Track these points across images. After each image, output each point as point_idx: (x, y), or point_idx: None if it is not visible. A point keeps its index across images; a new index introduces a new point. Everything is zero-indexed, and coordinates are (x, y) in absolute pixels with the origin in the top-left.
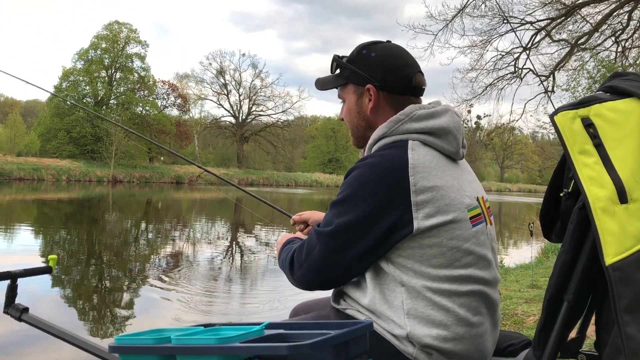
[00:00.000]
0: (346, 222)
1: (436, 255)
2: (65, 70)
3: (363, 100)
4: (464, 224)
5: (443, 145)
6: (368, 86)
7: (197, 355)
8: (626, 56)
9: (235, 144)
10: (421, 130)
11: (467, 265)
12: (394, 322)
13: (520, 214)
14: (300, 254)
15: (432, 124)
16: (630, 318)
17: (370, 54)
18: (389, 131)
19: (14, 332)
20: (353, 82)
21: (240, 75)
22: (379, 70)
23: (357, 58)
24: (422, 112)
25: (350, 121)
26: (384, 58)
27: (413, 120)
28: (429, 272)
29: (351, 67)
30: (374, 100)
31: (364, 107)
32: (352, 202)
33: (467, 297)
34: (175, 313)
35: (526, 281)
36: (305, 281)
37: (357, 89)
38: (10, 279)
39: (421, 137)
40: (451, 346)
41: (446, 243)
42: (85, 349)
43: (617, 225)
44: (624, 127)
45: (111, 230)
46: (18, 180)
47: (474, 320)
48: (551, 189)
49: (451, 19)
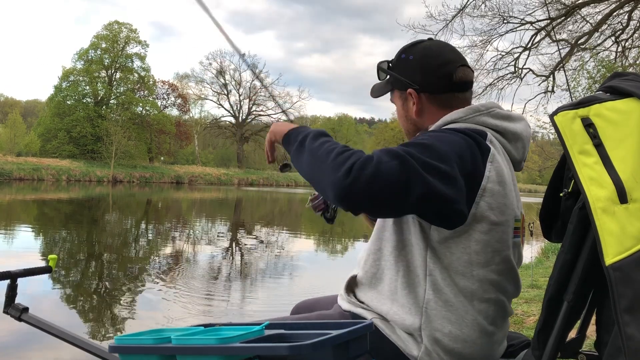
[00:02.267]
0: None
1: (478, 252)
2: (65, 70)
3: (408, 105)
4: (510, 231)
5: (512, 151)
6: (409, 91)
7: (197, 355)
8: (626, 56)
9: (235, 144)
10: (496, 127)
11: (500, 272)
12: (408, 311)
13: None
14: (368, 162)
15: (507, 126)
16: (631, 318)
17: (408, 57)
18: (465, 117)
19: (14, 332)
20: (397, 87)
21: (240, 75)
22: (417, 73)
23: (397, 63)
24: (501, 111)
25: (402, 125)
26: (422, 59)
27: (491, 115)
28: (464, 267)
29: (393, 74)
30: (417, 103)
31: (409, 111)
32: (441, 153)
33: (487, 304)
34: (175, 313)
35: (526, 281)
36: (357, 196)
37: (401, 94)
38: (10, 279)
39: (495, 134)
40: (460, 347)
41: (492, 243)
42: (85, 349)
43: (617, 226)
44: (624, 127)
45: (111, 230)
46: (18, 180)
47: (488, 329)
48: (551, 189)
49: (451, 19)
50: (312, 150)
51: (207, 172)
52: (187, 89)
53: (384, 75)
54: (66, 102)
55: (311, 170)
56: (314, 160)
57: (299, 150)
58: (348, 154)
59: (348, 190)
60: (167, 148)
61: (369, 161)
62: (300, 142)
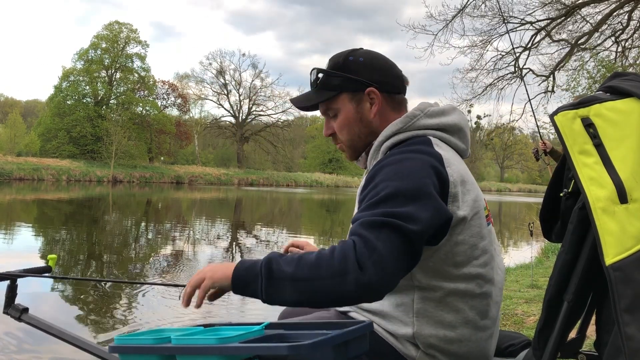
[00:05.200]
0: (416, 209)
1: (459, 254)
2: (65, 70)
3: (364, 106)
4: (483, 221)
5: (457, 142)
6: (369, 89)
7: (197, 355)
8: (626, 56)
9: (235, 144)
10: (436, 126)
11: (483, 265)
12: (400, 322)
13: (520, 214)
14: (367, 246)
15: (446, 121)
16: (630, 318)
17: (358, 59)
18: (405, 126)
19: (14, 333)
20: (348, 89)
21: (240, 75)
22: (375, 72)
23: (345, 66)
24: (434, 108)
25: (350, 132)
26: (373, 60)
27: (428, 116)
28: (449, 270)
29: (344, 75)
30: (378, 102)
31: (365, 112)
32: (408, 193)
33: (479, 299)
34: (175, 313)
35: (526, 281)
36: (378, 281)
37: (355, 96)
38: (9, 279)
39: (437, 133)
40: (456, 348)
41: (468, 240)
42: (85, 349)
43: (617, 225)
44: (624, 127)
45: (111, 230)
46: (18, 180)
47: (481, 324)
48: (551, 189)
49: (451, 19)
50: (290, 276)
51: (207, 172)
52: (187, 89)
53: (323, 81)
54: (66, 102)
55: (305, 294)
56: (303, 284)
57: (270, 285)
58: (337, 256)
59: (370, 286)
60: (167, 148)
61: (362, 248)
62: (267, 276)
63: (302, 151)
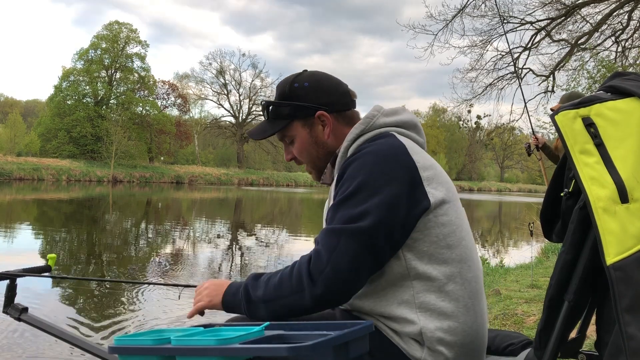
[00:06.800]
0: (375, 205)
1: (449, 235)
2: (65, 70)
3: (316, 129)
4: (459, 204)
5: (416, 137)
6: (319, 113)
7: (196, 356)
8: (626, 56)
9: (235, 144)
10: (395, 123)
11: (468, 247)
12: (405, 320)
13: (520, 214)
14: (318, 260)
15: (402, 118)
16: (631, 318)
17: (303, 84)
18: (367, 127)
19: (14, 332)
20: (298, 117)
21: (240, 75)
22: (321, 94)
23: (291, 93)
24: (388, 109)
25: (309, 155)
26: (318, 84)
27: (384, 115)
28: (444, 253)
29: (292, 103)
30: (330, 124)
31: (319, 135)
32: (369, 187)
33: (474, 283)
34: (175, 313)
35: (526, 281)
36: (331, 292)
37: (306, 122)
38: (9, 279)
39: (396, 129)
40: (460, 338)
41: (455, 221)
42: (85, 349)
43: (618, 225)
44: (625, 126)
45: (111, 230)
46: (18, 180)
47: (477, 308)
48: (552, 188)
49: (451, 19)
50: (262, 299)
51: (207, 172)
52: (187, 89)
53: (274, 111)
54: (66, 102)
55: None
56: (272, 305)
57: (250, 307)
58: (294, 274)
59: (324, 297)
60: (167, 148)
61: (315, 262)
62: (246, 300)
63: None
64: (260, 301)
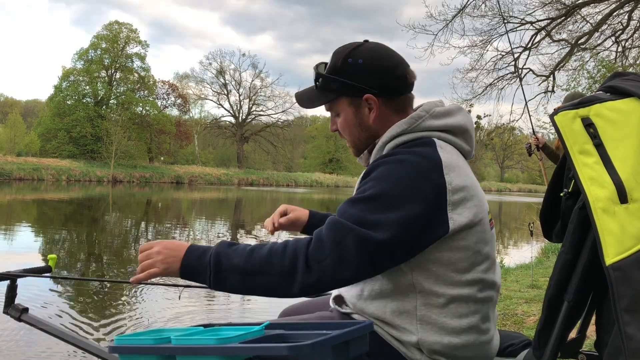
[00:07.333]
0: (391, 220)
1: (462, 260)
2: (65, 70)
3: (362, 112)
4: (487, 227)
5: (462, 144)
6: (366, 96)
7: (196, 355)
8: (626, 56)
9: (235, 144)
10: (442, 127)
11: (485, 270)
12: (404, 329)
13: (520, 214)
14: (320, 248)
15: (452, 122)
16: (631, 318)
17: (357, 61)
18: (410, 127)
19: (14, 332)
20: (346, 94)
21: (240, 75)
22: (373, 76)
23: (343, 68)
24: (440, 109)
25: (351, 134)
26: (373, 63)
27: (433, 117)
28: (452, 277)
29: (341, 80)
30: (376, 109)
31: (364, 118)
32: (391, 198)
33: (481, 304)
34: (175, 313)
35: (526, 281)
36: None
37: (353, 101)
38: (9, 279)
39: (442, 135)
40: (460, 353)
41: (472, 246)
42: (85, 349)
43: (618, 225)
44: (624, 127)
45: (111, 230)
46: (18, 180)
47: (483, 327)
48: (551, 189)
49: (451, 19)
50: (241, 269)
51: (207, 172)
52: (187, 89)
53: (323, 82)
54: (66, 102)
55: (252, 287)
56: (252, 278)
57: (219, 275)
58: (289, 254)
59: (317, 286)
60: (167, 148)
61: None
62: (215, 270)
63: (302, 151)
64: (236, 271)
